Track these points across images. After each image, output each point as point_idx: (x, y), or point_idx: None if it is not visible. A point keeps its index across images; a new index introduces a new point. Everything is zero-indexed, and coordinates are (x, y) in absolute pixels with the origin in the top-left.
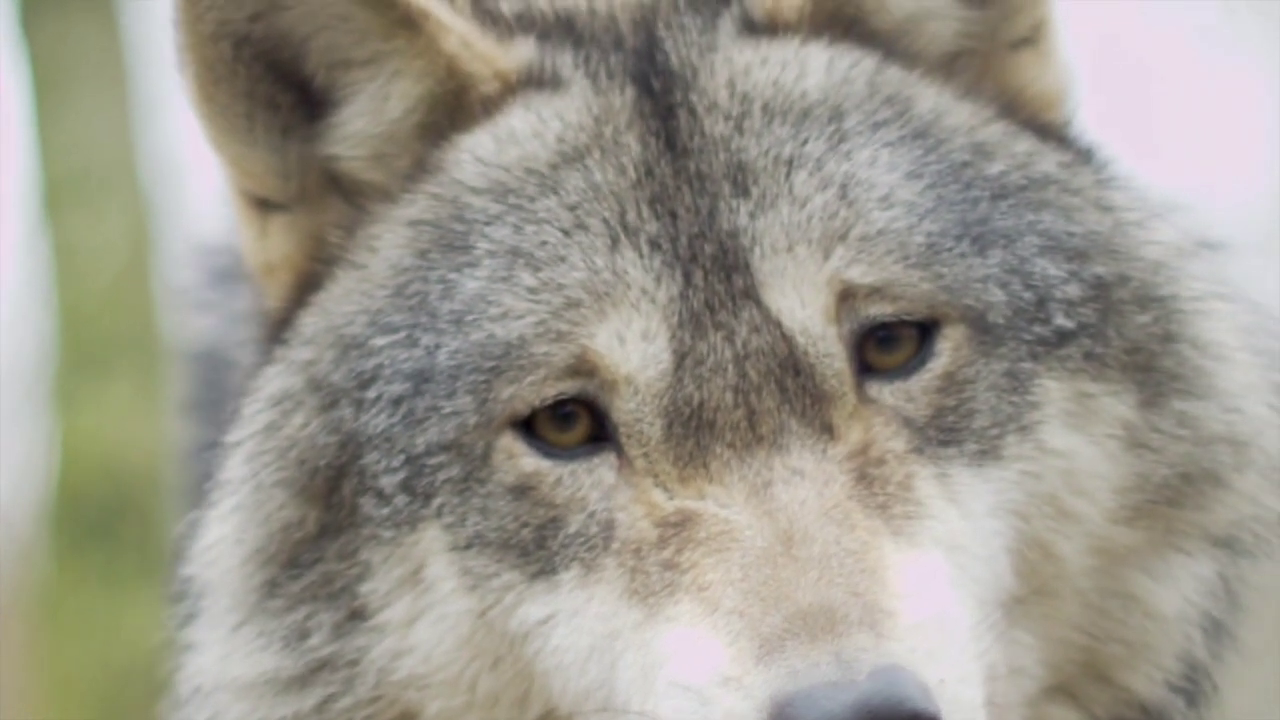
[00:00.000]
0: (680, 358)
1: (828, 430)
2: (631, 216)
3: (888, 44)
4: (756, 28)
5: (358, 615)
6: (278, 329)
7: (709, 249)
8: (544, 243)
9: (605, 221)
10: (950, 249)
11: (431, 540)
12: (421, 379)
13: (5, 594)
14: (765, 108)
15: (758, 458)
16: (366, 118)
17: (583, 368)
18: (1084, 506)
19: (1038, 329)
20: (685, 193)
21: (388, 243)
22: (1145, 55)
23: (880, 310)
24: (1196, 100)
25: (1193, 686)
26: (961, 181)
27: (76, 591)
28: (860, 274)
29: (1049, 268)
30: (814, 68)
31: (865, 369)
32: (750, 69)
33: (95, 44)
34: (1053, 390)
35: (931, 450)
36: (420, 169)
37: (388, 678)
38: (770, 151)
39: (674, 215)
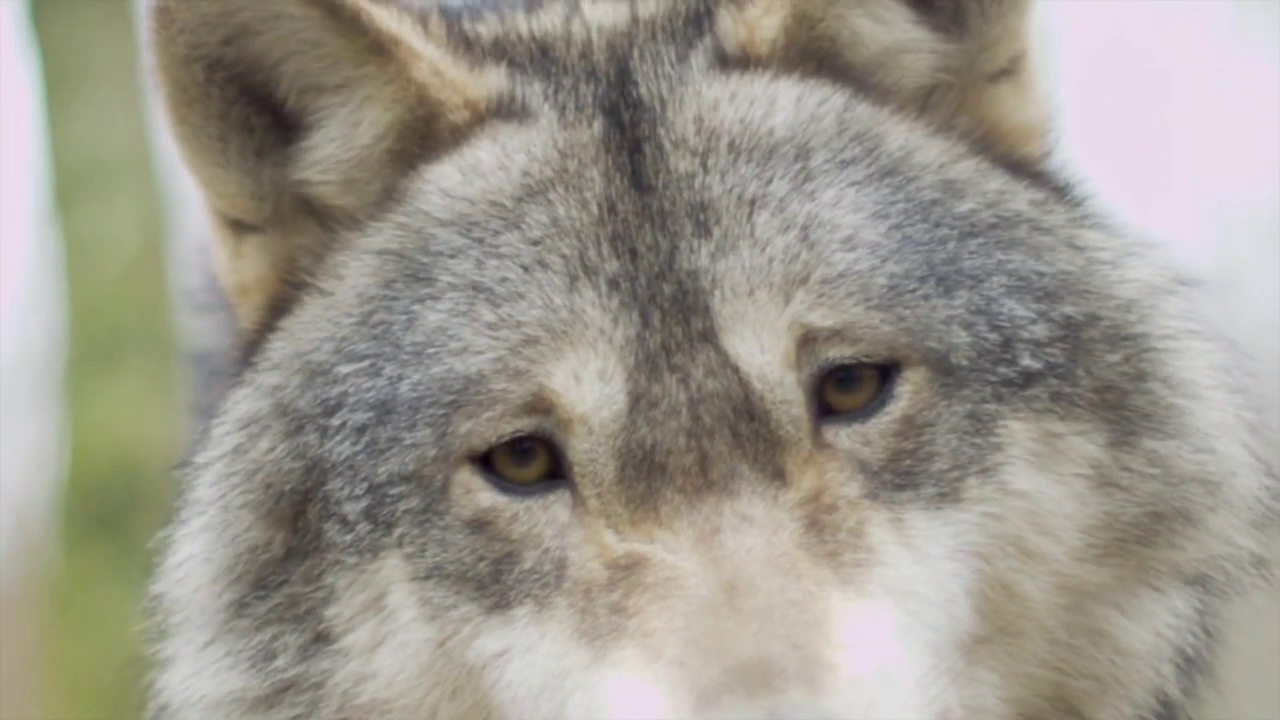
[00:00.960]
0: (635, 399)
1: (780, 476)
2: (592, 254)
3: (861, 79)
4: (729, 61)
5: (322, 638)
6: (249, 351)
7: (668, 289)
8: (504, 279)
9: (565, 259)
10: (913, 290)
11: (393, 569)
12: (384, 409)
13: (15, 586)
14: (731, 145)
15: (707, 503)
16: (337, 143)
17: (540, 406)
18: (1049, 546)
19: (1003, 370)
20: (647, 230)
21: (354, 270)
22: (1154, 51)
23: (840, 353)
24: (1207, 95)
25: None
26: (929, 220)
27: (86, 583)
28: (821, 317)
29: (1017, 308)
30: (783, 104)
31: (824, 411)
32: (719, 104)
33: (106, 36)
34: (1018, 431)
35: (886, 495)
36: (388, 197)
37: (351, 701)
38: (734, 190)
39: (635, 253)
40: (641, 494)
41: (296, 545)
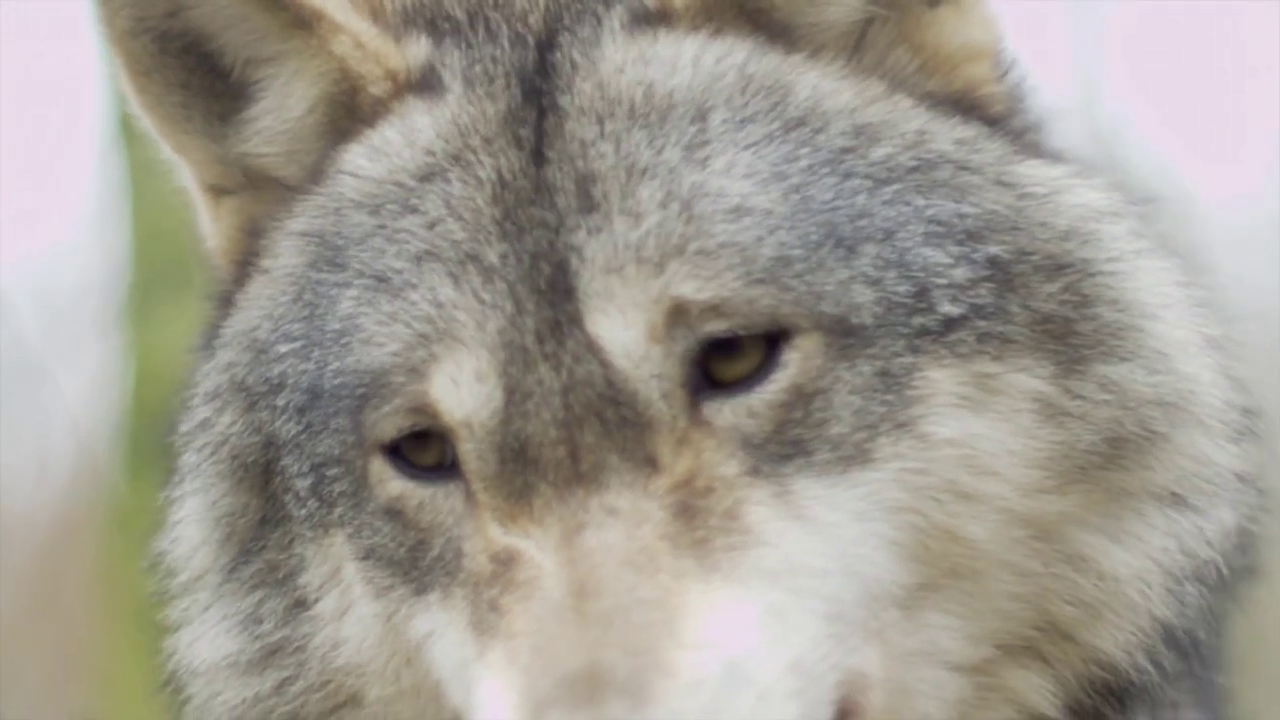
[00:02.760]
0: (510, 393)
1: (651, 462)
2: (480, 238)
3: (785, 22)
4: (645, 18)
5: (300, 604)
6: (223, 319)
7: (547, 270)
8: (400, 268)
9: (455, 244)
10: (805, 259)
11: (341, 545)
12: (314, 394)
13: (79, 510)
14: (631, 111)
15: (576, 497)
16: (273, 115)
17: (427, 410)
18: (993, 486)
19: (919, 320)
20: (536, 207)
21: (286, 249)
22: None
23: (715, 327)
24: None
25: (1170, 648)
26: (838, 172)
27: (149, 508)
28: (694, 290)
29: (934, 255)
30: (684, 63)
31: (708, 385)
32: (625, 68)
33: None
34: (939, 380)
35: (771, 468)
36: (315, 175)
37: (330, 664)
38: (626, 159)
39: (521, 233)
40: (519, 488)
41: (269, 513)
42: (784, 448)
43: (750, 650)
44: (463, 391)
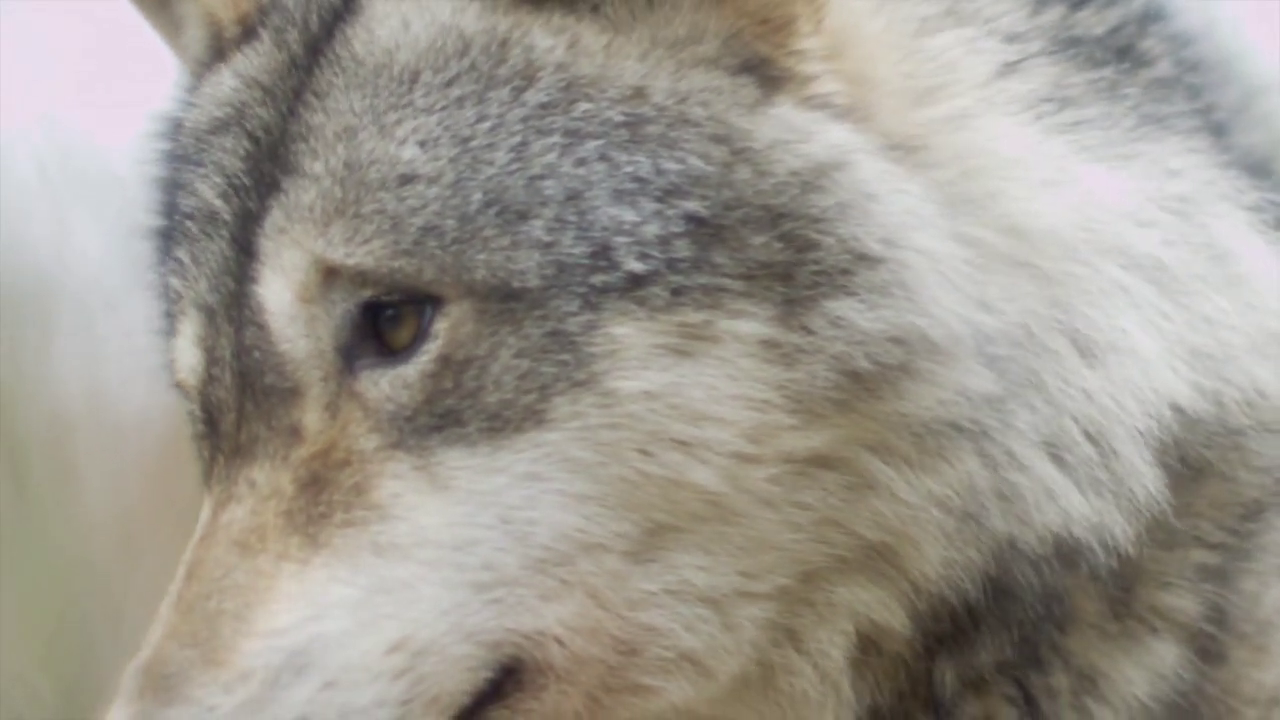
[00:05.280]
0: (209, 356)
1: (296, 433)
2: (223, 197)
3: None
4: None
5: None
6: None
7: (250, 231)
8: (174, 225)
9: (206, 203)
10: (458, 229)
11: None
12: None
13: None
14: (357, 69)
15: (234, 467)
16: (190, 51)
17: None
18: (714, 432)
19: (599, 278)
20: (270, 164)
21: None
22: None
23: (364, 294)
24: None
25: (999, 583)
26: (531, 130)
27: None
28: (343, 255)
29: (622, 213)
30: (412, 22)
31: (378, 353)
32: (373, 23)
33: None
34: (626, 335)
35: (417, 441)
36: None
37: None
38: (333, 120)
39: (248, 191)
40: (209, 455)
41: None
42: (434, 419)
43: (328, 635)
44: (184, 354)
